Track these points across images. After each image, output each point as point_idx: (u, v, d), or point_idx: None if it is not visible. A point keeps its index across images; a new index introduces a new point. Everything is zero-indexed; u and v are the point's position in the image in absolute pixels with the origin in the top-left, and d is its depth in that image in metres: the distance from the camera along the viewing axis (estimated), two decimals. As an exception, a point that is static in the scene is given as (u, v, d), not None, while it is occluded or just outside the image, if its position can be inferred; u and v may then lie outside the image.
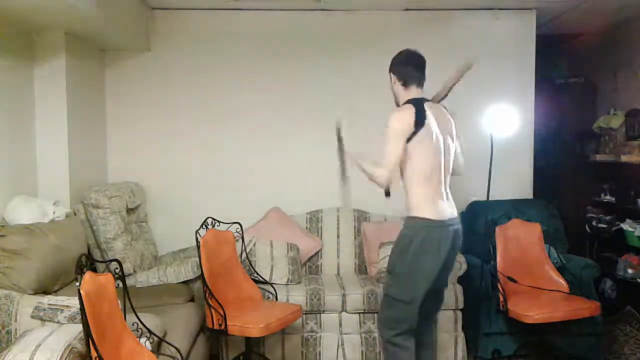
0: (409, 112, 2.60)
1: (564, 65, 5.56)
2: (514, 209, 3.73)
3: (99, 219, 3.41)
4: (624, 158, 4.50)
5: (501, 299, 3.27)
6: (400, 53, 2.84)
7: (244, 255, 3.53)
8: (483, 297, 3.35)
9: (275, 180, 4.22)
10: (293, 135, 4.22)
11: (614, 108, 4.88)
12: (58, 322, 2.42)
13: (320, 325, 3.47)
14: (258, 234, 3.79)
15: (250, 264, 3.55)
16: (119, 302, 2.29)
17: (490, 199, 3.22)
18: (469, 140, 4.01)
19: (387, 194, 2.71)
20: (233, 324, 2.95)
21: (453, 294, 3.45)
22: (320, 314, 3.47)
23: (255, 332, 2.94)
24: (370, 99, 4.00)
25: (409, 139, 2.58)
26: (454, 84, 2.82)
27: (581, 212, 5.01)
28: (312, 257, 3.97)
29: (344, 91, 4.17)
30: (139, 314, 2.39)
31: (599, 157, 4.93)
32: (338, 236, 4.01)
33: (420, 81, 2.78)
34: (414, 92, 2.75)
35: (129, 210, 3.73)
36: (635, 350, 3.62)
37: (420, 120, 2.58)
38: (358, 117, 4.09)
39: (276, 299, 3.41)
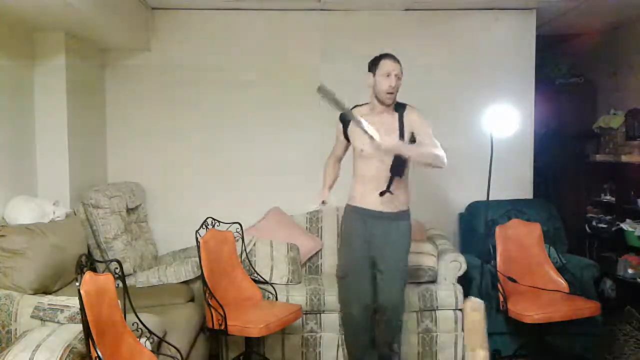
0: None
1: (564, 65, 5.57)
2: (514, 209, 3.73)
3: (99, 219, 3.41)
4: (624, 158, 4.50)
5: (501, 299, 3.28)
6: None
7: (244, 255, 3.53)
8: (483, 297, 3.35)
9: (275, 180, 4.21)
10: (293, 135, 4.22)
11: (614, 108, 4.88)
12: (58, 322, 2.43)
13: (320, 325, 3.47)
14: (258, 234, 3.79)
15: (250, 264, 3.55)
16: (119, 302, 2.29)
17: (490, 199, 3.22)
18: (470, 140, 4.05)
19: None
20: (233, 324, 2.95)
21: (453, 294, 3.45)
22: (320, 314, 3.46)
23: (255, 332, 2.94)
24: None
25: None
26: None
27: (581, 212, 5.01)
28: (312, 257, 3.97)
29: (344, 91, 4.15)
30: (139, 314, 2.39)
31: (599, 157, 4.93)
32: (338, 236, 4.00)
33: None
34: None
35: (129, 210, 3.73)
36: (635, 350, 3.62)
37: None
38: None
39: (276, 299, 3.41)
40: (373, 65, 2.96)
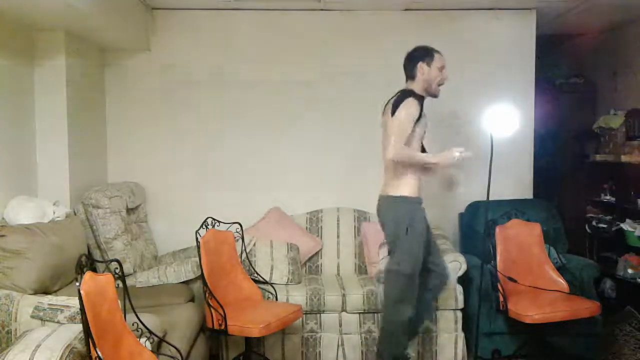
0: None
1: (564, 65, 5.57)
2: (514, 209, 3.74)
3: (99, 219, 3.41)
4: (624, 158, 4.50)
5: (501, 299, 3.28)
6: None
7: (244, 255, 3.53)
8: (483, 297, 3.35)
9: (275, 180, 4.22)
10: (293, 135, 4.22)
11: (614, 108, 4.88)
12: (58, 322, 2.42)
13: (320, 325, 3.47)
14: (258, 234, 3.79)
15: (250, 264, 3.55)
16: (119, 302, 2.29)
17: (490, 199, 3.22)
18: (470, 140, 4.04)
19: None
20: (233, 324, 2.95)
21: (453, 294, 3.45)
22: (320, 314, 3.47)
23: (255, 332, 2.94)
24: (370, 98, 3.99)
25: None
26: None
27: (581, 212, 5.01)
28: (312, 257, 3.97)
29: (344, 91, 4.17)
30: (139, 314, 2.39)
31: (599, 157, 4.93)
32: (338, 236, 4.00)
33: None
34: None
35: (129, 210, 3.73)
36: (635, 350, 3.62)
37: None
38: (358, 116, 4.11)
39: (276, 299, 3.41)
40: (426, 57, 2.97)
